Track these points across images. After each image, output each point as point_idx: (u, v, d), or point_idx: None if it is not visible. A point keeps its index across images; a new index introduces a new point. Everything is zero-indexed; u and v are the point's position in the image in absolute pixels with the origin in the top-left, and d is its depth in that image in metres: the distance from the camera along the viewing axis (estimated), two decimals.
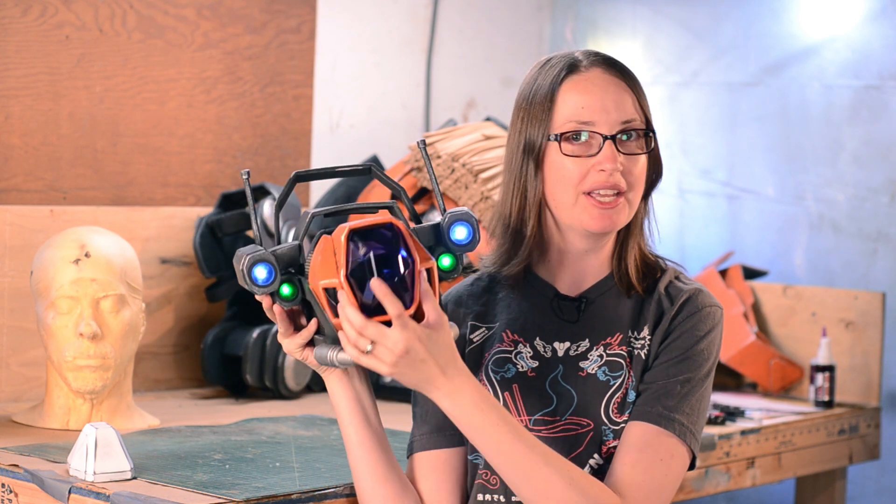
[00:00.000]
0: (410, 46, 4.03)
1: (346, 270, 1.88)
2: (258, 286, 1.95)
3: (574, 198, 2.04)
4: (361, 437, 2.04)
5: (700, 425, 2.05)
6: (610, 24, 4.30)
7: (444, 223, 1.99)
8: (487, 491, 2.07)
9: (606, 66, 2.08)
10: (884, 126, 3.82)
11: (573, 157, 2.04)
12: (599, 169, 2.03)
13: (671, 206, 4.15)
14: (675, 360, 2.05)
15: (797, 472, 3.32)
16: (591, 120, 2.04)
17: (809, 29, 3.96)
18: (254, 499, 2.16)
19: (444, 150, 3.24)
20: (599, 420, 2.05)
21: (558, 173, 2.05)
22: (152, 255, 3.21)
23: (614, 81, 2.07)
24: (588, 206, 2.04)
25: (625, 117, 2.05)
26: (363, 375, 2.05)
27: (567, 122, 2.05)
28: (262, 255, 1.95)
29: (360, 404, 2.04)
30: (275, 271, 1.96)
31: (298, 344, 1.98)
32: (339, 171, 2.05)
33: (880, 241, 3.83)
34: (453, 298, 2.17)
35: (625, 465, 1.99)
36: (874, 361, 3.53)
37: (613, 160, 2.03)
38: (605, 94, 2.05)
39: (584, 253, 2.11)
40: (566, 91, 2.06)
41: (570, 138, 2.04)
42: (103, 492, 2.20)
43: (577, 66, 2.07)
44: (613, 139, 2.04)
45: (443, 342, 1.88)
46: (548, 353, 2.09)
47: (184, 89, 3.37)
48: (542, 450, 1.93)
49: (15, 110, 3.08)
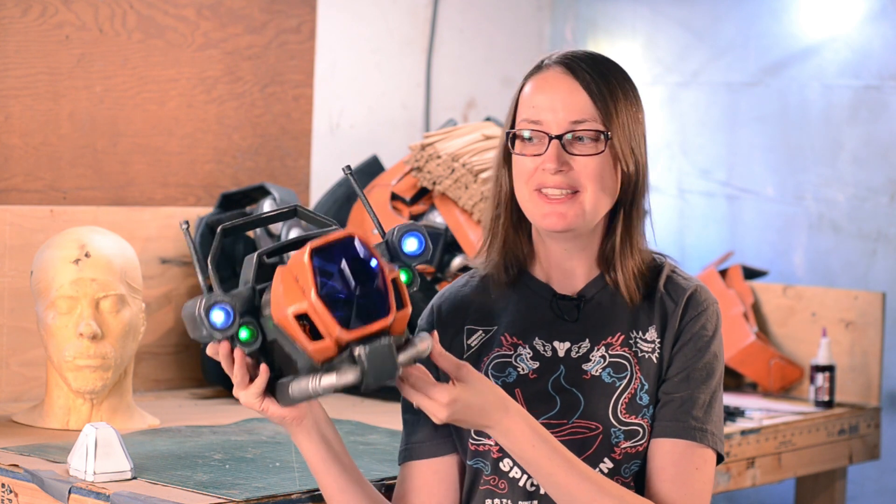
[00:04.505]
0: (410, 46, 4.03)
1: (317, 290, 1.82)
2: (217, 330, 1.88)
3: (528, 194, 2.06)
4: (341, 485, 2.03)
5: (722, 425, 2.09)
6: (610, 24, 4.30)
7: (394, 237, 1.94)
8: (495, 496, 2.07)
9: (564, 67, 2.07)
10: (883, 126, 3.82)
11: (522, 155, 2.06)
12: (542, 168, 2.04)
13: (671, 206, 4.16)
14: (692, 367, 2.07)
15: (797, 472, 3.32)
16: (540, 119, 2.05)
17: (809, 29, 3.96)
18: (254, 499, 2.16)
19: (444, 150, 3.24)
20: (608, 423, 2.05)
21: (516, 169, 2.08)
22: (152, 255, 3.21)
23: (567, 81, 2.06)
24: (538, 202, 2.05)
25: (574, 118, 2.04)
26: (327, 418, 2.03)
27: (521, 120, 2.07)
28: (218, 298, 1.89)
29: (331, 453, 2.02)
30: (233, 313, 1.89)
31: (256, 393, 1.91)
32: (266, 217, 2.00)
33: (880, 241, 3.83)
34: (447, 301, 2.16)
35: (664, 483, 2.03)
36: (874, 361, 3.53)
37: (555, 160, 2.03)
38: (555, 94, 2.05)
39: (566, 253, 2.11)
40: (526, 89, 2.09)
41: (521, 136, 2.07)
42: (103, 492, 2.20)
43: (541, 66, 2.09)
44: (560, 139, 2.04)
45: (479, 391, 1.91)
46: (548, 353, 2.09)
47: (184, 89, 3.37)
48: (596, 479, 1.96)
49: (15, 110, 3.08)
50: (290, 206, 2.01)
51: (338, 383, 1.84)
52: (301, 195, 3.60)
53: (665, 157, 4.16)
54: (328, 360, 1.86)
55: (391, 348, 1.84)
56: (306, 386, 1.86)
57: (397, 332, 1.88)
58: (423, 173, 3.25)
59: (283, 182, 3.56)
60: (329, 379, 1.84)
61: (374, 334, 1.84)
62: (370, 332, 1.83)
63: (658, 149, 4.15)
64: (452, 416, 1.89)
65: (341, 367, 1.84)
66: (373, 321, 1.84)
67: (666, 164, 4.16)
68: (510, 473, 2.06)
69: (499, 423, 1.92)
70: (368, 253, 1.85)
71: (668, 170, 4.16)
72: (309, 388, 1.86)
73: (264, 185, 3.24)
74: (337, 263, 1.84)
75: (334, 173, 3.68)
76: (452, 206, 3.21)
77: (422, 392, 1.89)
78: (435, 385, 1.89)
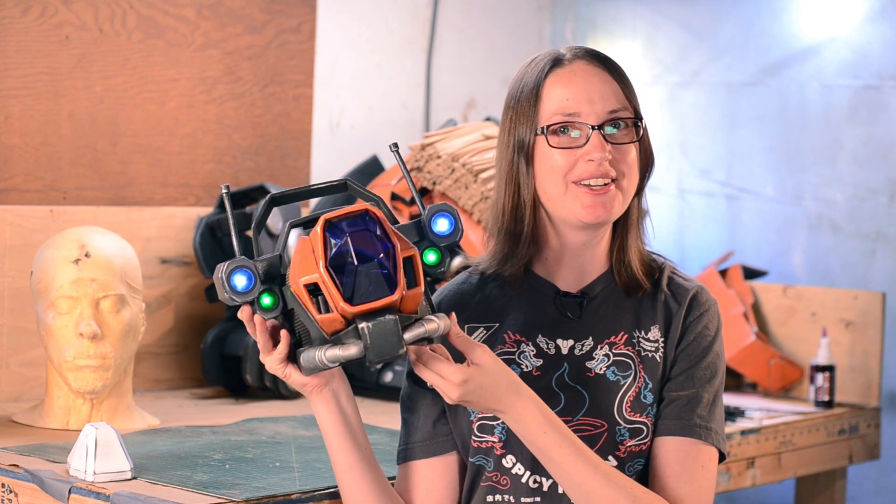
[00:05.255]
0: (410, 46, 4.03)
1: (325, 262, 1.85)
2: (238, 293, 1.92)
3: (564, 188, 2.05)
4: (350, 461, 2.02)
5: (724, 424, 2.12)
6: (610, 24, 4.30)
7: (425, 217, 1.98)
8: (497, 492, 2.07)
9: (589, 59, 2.08)
10: (883, 126, 3.82)
11: (561, 149, 2.05)
12: (588, 159, 2.03)
13: (671, 206, 4.16)
14: (694, 367, 2.08)
15: (797, 472, 3.32)
16: (577, 111, 2.05)
17: (809, 29, 3.96)
18: (254, 499, 2.16)
19: (444, 150, 3.24)
20: (613, 420, 2.06)
21: (547, 165, 2.05)
22: (152, 255, 3.21)
23: (597, 72, 2.07)
24: (580, 194, 2.04)
25: (610, 107, 2.06)
26: (349, 394, 2.03)
27: (553, 115, 2.05)
28: (242, 262, 1.92)
29: (347, 427, 2.02)
30: (255, 278, 1.92)
31: (279, 359, 1.93)
32: (315, 189, 2.03)
33: (879, 241, 3.83)
34: (447, 298, 2.15)
35: (671, 479, 2.04)
36: (874, 361, 3.53)
37: (601, 149, 2.03)
38: (589, 86, 2.06)
39: (582, 248, 2.11)
40: (551, 85, 2.07)
41: (556, 131, 2.05)
42: (103, 492, 2.20)
43: (561, 61, 2.08)
44: (601, 129, 2.04)
45: (492, 373, 1.91)
46: (551, 350, 2.09)
47: (184, 89, 3.37)
48: (605, 468, 1.97)
49: (15, 110, 3.08)
50: (341, 180, 2.02)
51: (342, 356, 1.86)
52: None
53: (665, 157, 4.16)
54: (336, 333, 1.88)
55: (396, 325, 1.84)
56: (314, 356, 1.89)
57: (408, 311, 1.88)
58: (423, 173, 3.25)
59: (283, 182, 3.56)
60: (334, 351, 1.87)
61: (380, 310, 1.85)
62: (375, 307, 1.84)
63: (658, 149, 4.11)
64: (464, 397, 1.90)
65: (346, 341, 1.87)
66: (379, 297, 1.85)
67: (666, 164, 4.16)
68: (513, 470, 2.06)
69: (511, 407, 1.93)
70: (382, 228, 1.87)
71: (668, 170, 4.16)
72: (316, 359, 1.88)
73: (264, 185, 3.24)
74: (347, 236, 1.86)
75: (334, 173, 3.69)
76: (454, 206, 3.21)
77: (434, 371, 1.89)
78: (449, 364, 1.89)
